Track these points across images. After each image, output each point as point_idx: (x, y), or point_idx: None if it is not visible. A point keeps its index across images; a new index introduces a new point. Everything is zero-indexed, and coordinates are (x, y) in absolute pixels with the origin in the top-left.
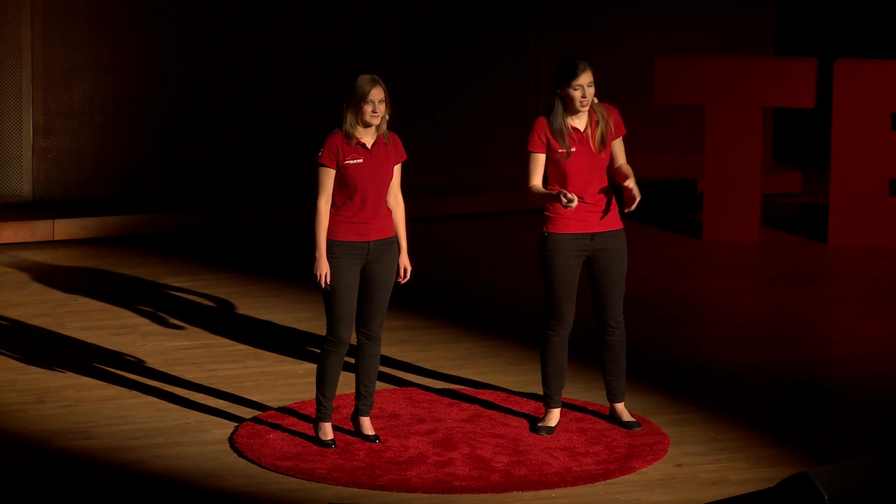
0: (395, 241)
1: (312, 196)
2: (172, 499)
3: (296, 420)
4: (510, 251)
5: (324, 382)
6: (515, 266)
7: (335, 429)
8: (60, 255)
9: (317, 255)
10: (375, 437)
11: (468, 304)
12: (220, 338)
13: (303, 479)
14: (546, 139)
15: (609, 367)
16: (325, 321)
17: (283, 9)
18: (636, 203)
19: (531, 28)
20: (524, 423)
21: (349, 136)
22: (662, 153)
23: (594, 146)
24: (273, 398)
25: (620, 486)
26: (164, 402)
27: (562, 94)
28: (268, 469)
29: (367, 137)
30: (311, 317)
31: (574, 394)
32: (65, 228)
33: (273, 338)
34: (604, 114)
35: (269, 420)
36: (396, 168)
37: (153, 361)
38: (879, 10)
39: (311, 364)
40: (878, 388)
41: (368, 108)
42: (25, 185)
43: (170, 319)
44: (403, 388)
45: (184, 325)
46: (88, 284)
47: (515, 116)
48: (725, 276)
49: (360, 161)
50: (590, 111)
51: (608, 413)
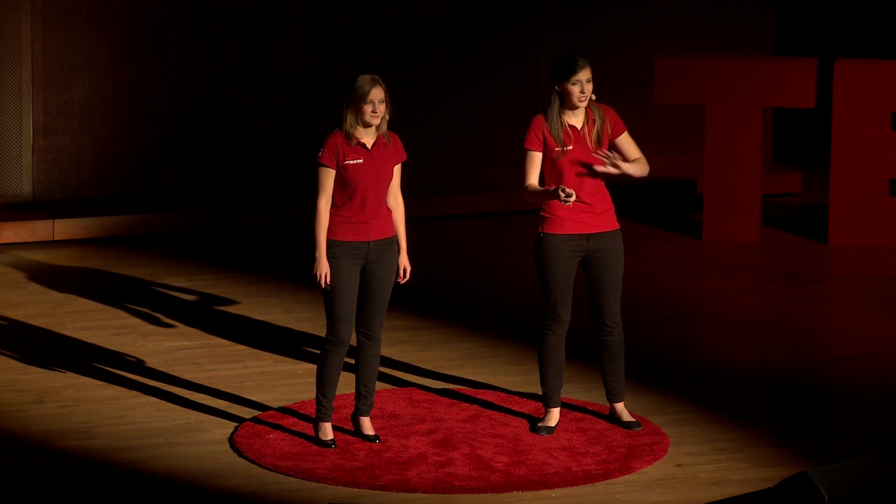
0: (395, 241)
1: (312, 196)
2: (172, 499)
3: (296, 420)
4: (510, 251)
5: (324, 382)
6: (515, 266)
7: (335, 429)
8: (60, 255)
9: (317, 256)
10: (375, 437)
11: (468, 304)
12: (220, 338)
13: (303, 479)
14: (543, 137)
15: (608, 367)
16: (325, 321)
17: (284, 8)
18: (610, 165)
19: (531, 28)
20: (524, 423)
21: (349, 137)
22: (662, 153)
23: (590, 144)
24: (273, 398)
25: (620, 486)
26: (164, 402)
27: (560, 90)
28: (268, 469)
29: (367, 137)
30: (311, 317)
31: (574, 394)
32: (65, 228)
33: (273, 338)
34: (600, 113)
35: (269, 420)
36: (396, 168)
37: (153, 361)
38: (879, 10)
39: (311, 364)
40: (878, 389)
41: (368, 109)
42: (25, 185)
43: (170, 319)
44: (403, 388)
45: (184, 326)
46: (88, 284)
47: (515, 116)
48: (725, 276)
49: (360, 161)
50: (586, 110)
51: (608, 413)
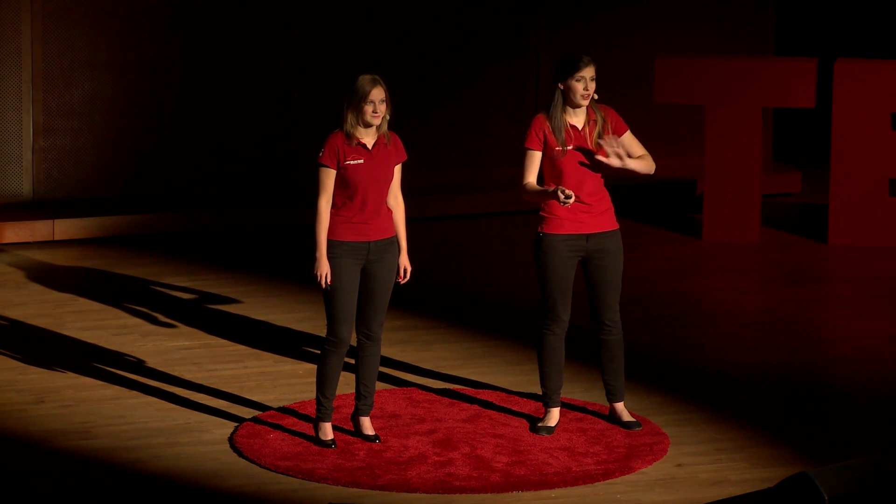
0: (396, 242)
1: (312, 196)
2: (172, 499)
3: (296, 420)
4: (510, 251)
5: (324, 382)
6: (515, 266)
7: (335, 429)
8: (60, 255)
9: (317, 256)
10: (375, 437)
11: (468, 304)
12: (220, 338)
13: (303, 479)
14: (543, 136)
15: (607, 367)
16: (326, 321)
17: (284, 8)
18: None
19: (531, 28)
20: (524, 423)
21: (350, 137)
22: (662, 153)
23: (591, 145)
24: (273, 398)
25: (620, 486)
26: (164, 402)
27: (563, 87)
28: (268, 469)
29: (368, 138)
30: (311, 317)
31: (574, 394)
32: (65, 228)
33: (273, 338)
34: (601, 114)
35: (269, 420)
36: (397, 168)
37: (153, 361)
38: (879, 10)
39: (311, 364)
40: (878, 389)
41: (369, 109)
42: (25, 185)
43: (170, 319)
44: (403, 388)
45: (184, 326)
46: (88, 284)
47: (515, 116)
48: (725, 276)
49: (361, 161)
50: (588, 110)
51: (608, 413)
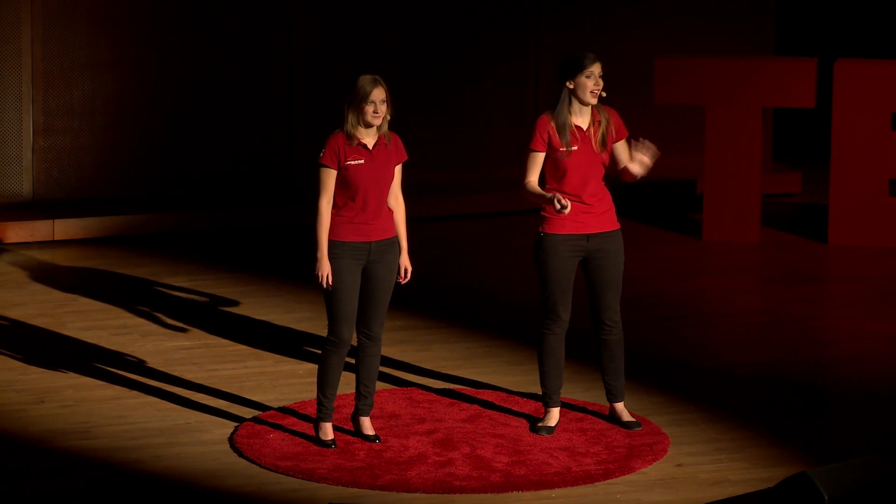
0: (396, 242)
1: (312, 196)
2: (172, 499)
3: (296, 420)
4: (510, 251)
5: (325, 382)
6: (515, 266)
7: (335, 429)
8: (60, 255)
9: (318, 256)
10: (375, 437)
11: (468, 304)
12: (220, 338)
13: (303, 479)
14: (548, 137)
15: (607, 367)
16: (326, 321)
17: (284, 9)
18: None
19: (531, 28)
20: (524, 423)
21: (350, 137)
22: (662, 153)
23: (595, 146)
24: (273, 398)
25: (620, 486)
26: (164, 402)
27: (572, 86)
28: (268, 469)
29: (369, 138)
30: (312, 317)
31: (574, 394)
32: (65, 228)
33: (273, 338)
34: (605, 115)
35: (270, 420)
36: (397, 168)
37: (153, 361)
38: (879, 10)
39: (312, 364)
40: (878, 389)
41: (370, 109)
42: (25, 185)
43: (170, 319)
44: (403, 388)
45: (184, 325)
46: (88, 284)
47: (515, 116)
48: (725, 276)
49: (362, 161)
50: (592, 111)
51: (608, 413)
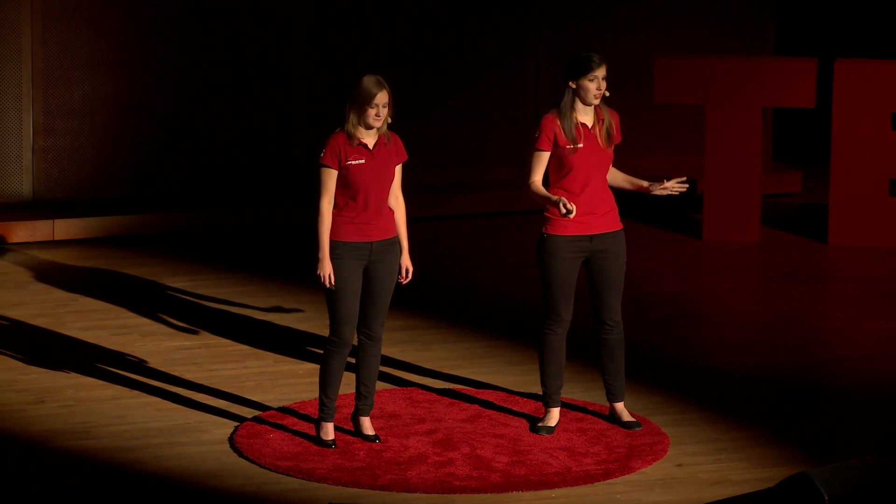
0: (397, 242)
1: (312, 196)
2: (172, 499)
3: (296, 420)
4: (510, 251)
5: (327, 383)
6: (516, 266)
7: (335, 429)
8: (60, 255)
9: (320, 256)
10: (375, 437)
11: (468, 304)
12: (220, 338)
13: (303, 479)
14: (554, 136)
15: (608, 367)
16: (328, 322)
17: (284, 8)
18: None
19: (531, 28)
20: (524, 423)
21: (351, 137)
22: (662, 153)
23: (601, 142)
24: (273, 398)
25: (620, 486)
26: (164, 402)
27: (575, 87)
28: (268, 469)
29: (369, 138)
30: (312, 317)
31: (574, 394)
32: (65, 228)
33: (273, 338)
34: (608, 114)
35: (270, 420)
36: (397, 168)
37: (153, 361)
38: (879, 10)
39: (312, 364)
40: (878, 388)
41: (372, 112)
42: (25, 185)
43: (170, 319)
44: (403, 388)
45: (184, 325)
46: (88, 284)
47: (515, 116)
48: (725, 276)
49: (363, 161)
50: (596, 109)
51: (608, 413)
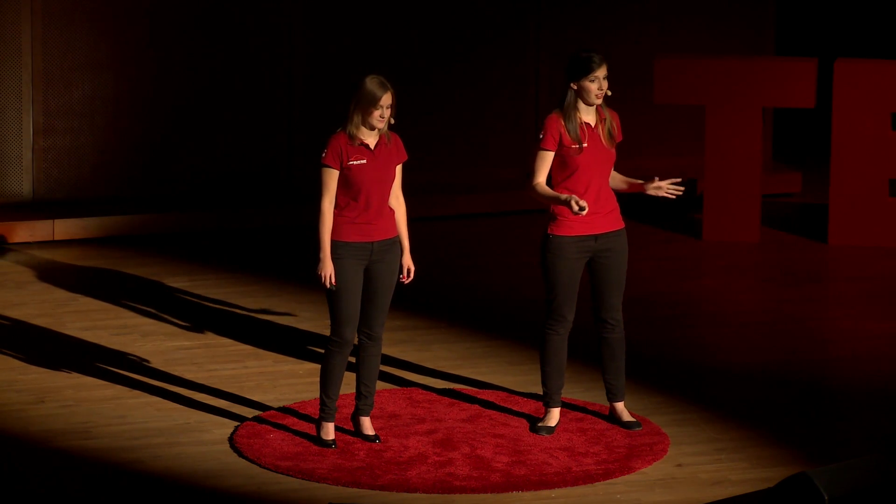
0: (398, 242)
1: (312, 196)
2: (172, 499)
3: (296, 420)
4: (510, 251)
5: (328, 383)
6: (516, 266)
7: (335, 429)
8: (60, 255)
9: (321, 256)
10: (375, 437)
11: (468, 304)
12: (220, 338)
13: (303, 479)
14: (559, 136)
15: (608, 366)
16: (329, 321)
17: (284, 9)
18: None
19: (531, 28)
20: (524, 423)
21: (352, 137)
22: (662, 153)
23: (605, 141)
24: (273, 398)
25: (620, 486)
26: (165, 402)
27: (577, 87)
28: (268, 469)
29: (370, 138)
30: (312, 317)
31: (574, 394)
32: (65, 228)
33: (273, 338)
34: (609, 114)
35: (270, 420)
36: (398, 168)
37: (153, 361)
38: (879, 10)
39: (312, 364)
40: (878, 388)
41: (377, 114)
42: (25, 185)
43: (170, 319)
44: (403, 388)
45: (184, 325)
46: (88, 284)
47: (515, 117)
48: (725, 276)
49: (364, 162)
50: (597, 109)
51: (608, 413)
